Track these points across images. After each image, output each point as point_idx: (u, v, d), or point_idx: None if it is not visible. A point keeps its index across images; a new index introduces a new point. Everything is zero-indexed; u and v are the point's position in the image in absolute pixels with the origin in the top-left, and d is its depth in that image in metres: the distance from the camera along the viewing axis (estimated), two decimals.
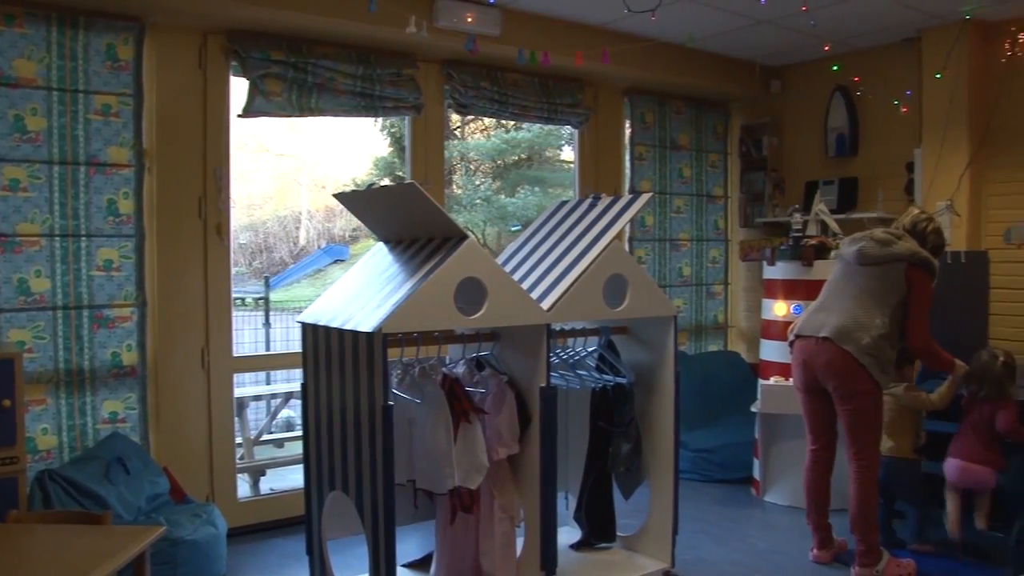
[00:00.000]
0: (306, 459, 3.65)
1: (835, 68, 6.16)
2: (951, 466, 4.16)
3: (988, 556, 4.13)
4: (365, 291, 3.38)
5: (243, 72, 4.55)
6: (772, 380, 5.12)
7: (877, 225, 5.82)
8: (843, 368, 3.90)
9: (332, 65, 4.77)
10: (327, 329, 3.35)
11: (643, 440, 3.96)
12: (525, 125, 12.91)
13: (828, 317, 4.01)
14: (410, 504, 3.55)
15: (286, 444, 6.54)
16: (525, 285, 3.60)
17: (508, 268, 3.83)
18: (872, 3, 5.11)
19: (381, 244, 3.77)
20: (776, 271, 5.21)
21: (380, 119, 13.24)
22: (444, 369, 3.46)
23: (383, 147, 15.31)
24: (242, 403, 5.82)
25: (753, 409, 5.20)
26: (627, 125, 6.42)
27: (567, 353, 3.99)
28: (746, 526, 4.77)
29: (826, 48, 5.96)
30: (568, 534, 4.18)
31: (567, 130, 6.26)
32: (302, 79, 4.68)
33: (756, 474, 5.29)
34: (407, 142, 5.38)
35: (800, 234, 5.27)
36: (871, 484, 3.95)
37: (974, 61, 5.57)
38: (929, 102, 5.75)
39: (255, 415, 6.85)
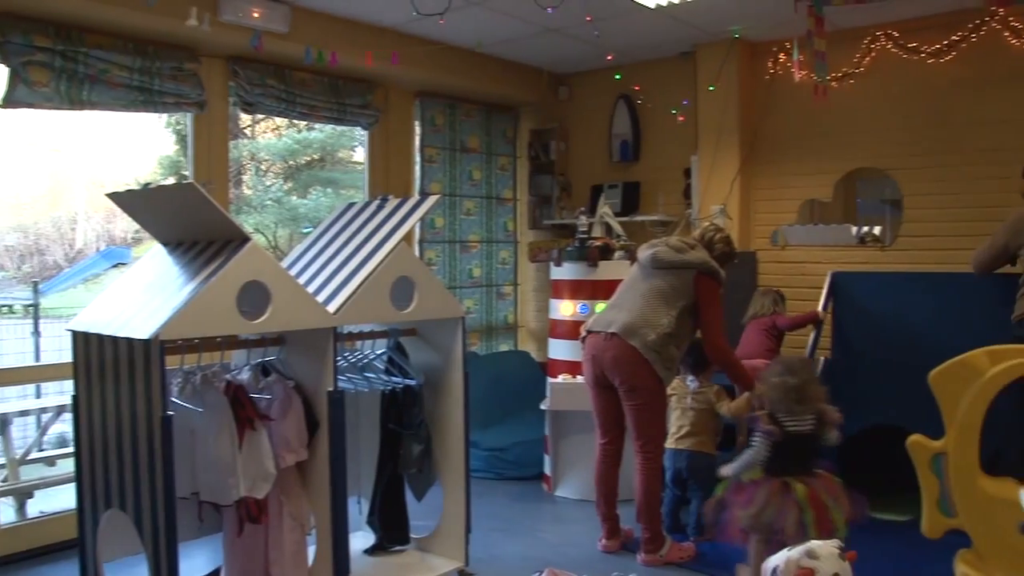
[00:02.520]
0: (79, 477, 3.41)
1: (617, 77, 6.43)
2: None
3: None
4: (142, 296, 3.21)
5: (2, 59, 4.19)
6: (560, 378, 5.27)
7: (658, 227, 6.16)
8: (629, 363, 4.06)
9: (106, 56, 4.49)
10: (100, 337, 3.15)
11: (434, 441, 3.97)
12: (318, 125, 12.67)
13: (618, 315, 4.17)
14: (195, 518, 3.39)
15: (58, 462, 6.08)
16: (312, 288, 3.54)
17: (295, 271, 3.75)
18: (650, 17, 5.37)
19: (160, 247, 3.59)
20: (563, 272, 5.37)
21: (165, 115, 12.62)
22: (227, 376, 3.35)
23: (169, 145, 14.58)
24: (6, 419, 5.36)
25: (543, 407, 5.33)
26: (417, 127, 6.44)
27: (355, 356, 3.95)
28: (538, 521, 4.88)
29: (609, 58, 6.22)
30: (361, 539, 4.14)
31: (360, 131, 6.20)
32: (72, 69, 4.38)
33: (547, 470, 5.43)
34: (190, 140, 5.16)
35: (586, 235, 5.45)
36: (655, 476, 4.14)
37: (743, 76, 5.98)
38: (704, 112, 6.11)
39: (23, 432, 6.33)
